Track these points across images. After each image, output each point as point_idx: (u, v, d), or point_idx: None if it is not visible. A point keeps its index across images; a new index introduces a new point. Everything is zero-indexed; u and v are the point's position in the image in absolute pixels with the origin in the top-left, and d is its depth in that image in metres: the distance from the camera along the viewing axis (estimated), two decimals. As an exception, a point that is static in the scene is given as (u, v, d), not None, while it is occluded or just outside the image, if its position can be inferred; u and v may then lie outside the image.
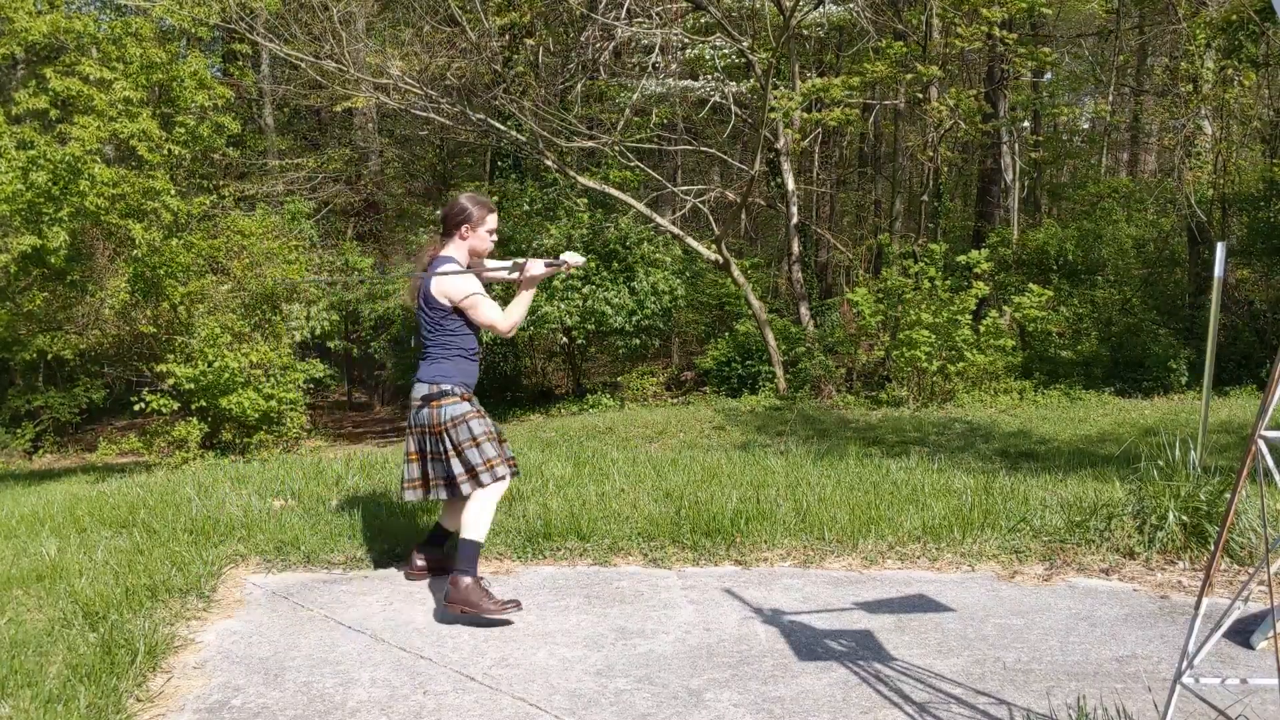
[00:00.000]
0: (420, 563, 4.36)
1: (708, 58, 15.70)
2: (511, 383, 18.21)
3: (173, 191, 13.72)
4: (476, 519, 3.94)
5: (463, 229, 4.05)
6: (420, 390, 4.03)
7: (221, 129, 14.80)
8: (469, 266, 4.09)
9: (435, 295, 3.99)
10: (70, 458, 17.76)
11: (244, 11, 14.26)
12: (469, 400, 4.05)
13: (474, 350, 4.12)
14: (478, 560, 3.92)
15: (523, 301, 4.09)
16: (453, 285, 3.98)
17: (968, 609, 3.95)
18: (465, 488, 3.95)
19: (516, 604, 3.86)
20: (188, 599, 4.06)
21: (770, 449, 8.83)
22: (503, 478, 4.02)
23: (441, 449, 4.00)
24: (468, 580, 3.83)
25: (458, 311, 4.01)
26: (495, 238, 4.16)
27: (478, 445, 3.97)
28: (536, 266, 4.14)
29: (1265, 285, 16.56)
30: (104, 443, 15.30)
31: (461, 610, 3.80)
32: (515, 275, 4.18)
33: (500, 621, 3.83)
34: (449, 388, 4.00)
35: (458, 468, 3.97)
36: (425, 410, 4.01)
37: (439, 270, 4.01)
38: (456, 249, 4.07)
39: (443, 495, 4.08)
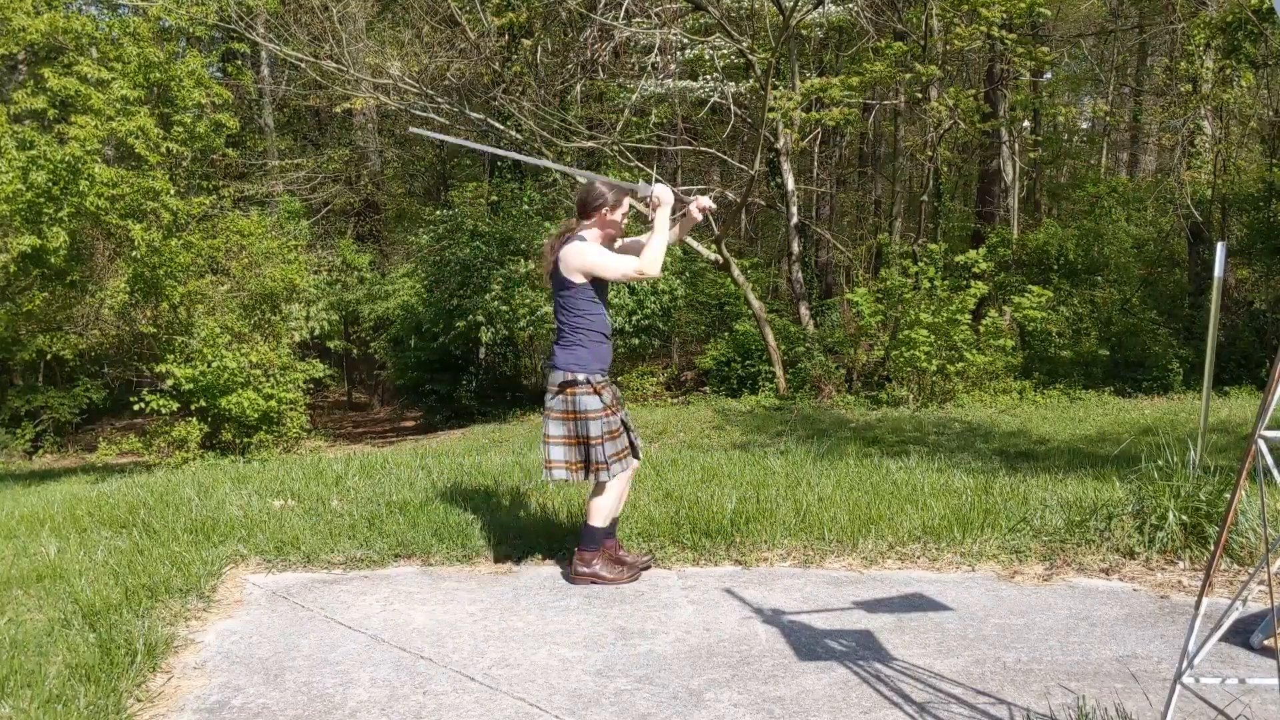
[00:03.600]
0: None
1: (707, 58, 15.69)
2: (511, 383, 18.20)
3: (172, 191, 13.71)
4: (599, 509, 4.25)
5: (603, 211, 4.17)
6: (556, 377, 4.19)
7: (220, 128, 14.79)
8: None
9: (563, 271, 4.13)
10: (70, 458, 17.76)
11: (243, 11, 14.25)
12: (600, 393, 4.18)
13: (606, 329, 4.24)
14: (599, 541, 4.29)
15: (659, 236, 4.13)
16: (576, 254, 4.10)
17: (968, 609, 3.95)
18: (600, 476, 4.22)
19: (637, 570, 4.32)
20: (188, 599, 4.06)
21: (770, 449, 8.83)
22: (616, 475, 4.24)
23: (580, 435, 4.20)
24: (594, 556, 4.25)
25: (594, 284, 4.14)
26: (626, 221, 4.32)
27: (596, 445, 4.18)
28: (665, 192, 4.19)
29: (1265, 285, 16.57)
30: (104, 443, 15.30)
31: (590, 581, 4.23)
32: (645, 198, 4.24)
33: (625, 582, 4.25)
34: (583, 378, 4.14)
35: (593, 456, 4.20)
36: (561, 397, 4.18)
37: (564, 249, 4.15)
38: (589, 230, 4.19)
39: (583, 478, 4.28)
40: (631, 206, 4.26)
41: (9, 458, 17.20)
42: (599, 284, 4.18)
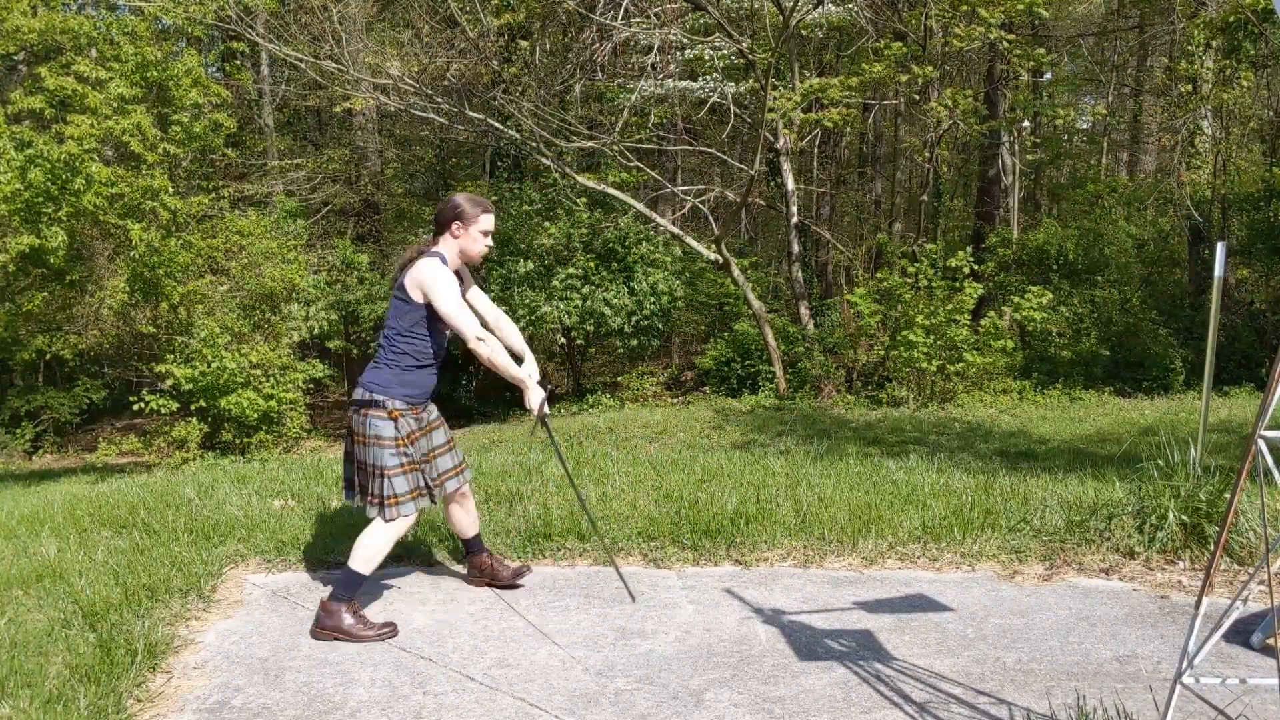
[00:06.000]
0: (476, 573, 4.33)
1: (707, 58, 15.69)
2: (511, 383, 18.24)
3: (170, 191, 13.71)
4: (366, 552, 3.76)
5: (454, 226, 3.80)
6: (357, 393, 3.84)
7: (218, 127, 14.79)
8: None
9: (408, 286, 3.76)
10: (70, 458, 17.75)
11: (242, 11, 14.25)
12: (398, 419, 3.79)
13: (426, 357, 3.86)
14: (356, 590, 3.78)
15: (503, 366, 3.92)
16: (429, 274, 3.72)
17: (968, 609, 3.95)
18: (370, 511, 3.82)
19: (393, 629, 3.76)
20: (188, 599, 4.06)
21: (770, 449, 8.83)
22: (406, 516, 3.80)
23: (365, 461, 3.82)
24: (341, 607, 3.72)
25: (428, 310, 3.77)
26: (490, 241, 3.91)
27: (387, 478, 3.76)
28: (534, 398, 4.11)
29: (1265, 285, 16.57)
30: (104, 443, 15.31)
31: (334, 637, 3.70)
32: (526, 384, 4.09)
33: (376, 639, 3.72)
34: (381, 399, 3.78)
35: (371, 488, 3.81)
36: (355, 416, 3.81)
37: (418, 262, 3.79)
38: (446, 246, 3.83)
39: (357, 503, 3.92)
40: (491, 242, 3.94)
41: (9, 458, 17.19)
42: (435, 313, 3.78)
